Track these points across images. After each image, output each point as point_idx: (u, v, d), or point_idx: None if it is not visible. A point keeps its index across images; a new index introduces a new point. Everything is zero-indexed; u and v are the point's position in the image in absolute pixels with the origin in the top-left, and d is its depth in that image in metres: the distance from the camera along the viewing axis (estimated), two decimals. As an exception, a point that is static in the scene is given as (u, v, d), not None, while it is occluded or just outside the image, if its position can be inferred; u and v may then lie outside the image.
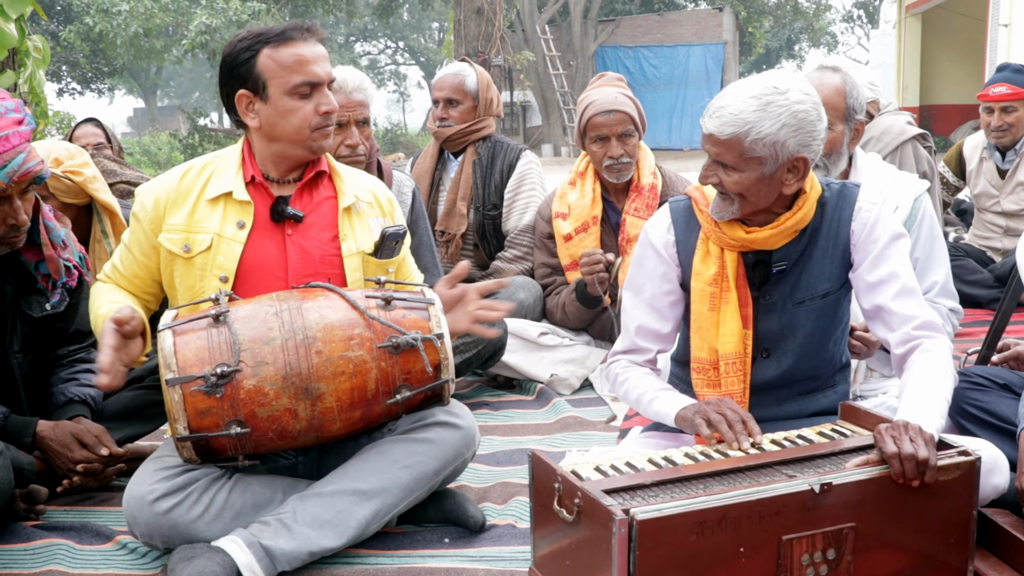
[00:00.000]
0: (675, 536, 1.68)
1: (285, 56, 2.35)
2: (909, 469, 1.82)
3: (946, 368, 2.13)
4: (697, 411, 2.18)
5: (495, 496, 2.69)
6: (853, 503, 1.81)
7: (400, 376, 2.26)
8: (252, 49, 2.35)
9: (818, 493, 1.77)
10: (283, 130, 2.39)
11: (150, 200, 2.44)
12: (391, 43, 41.02)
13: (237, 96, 2.39)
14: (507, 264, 4.11)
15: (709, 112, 2.18)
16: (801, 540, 1.78)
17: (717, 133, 2.15)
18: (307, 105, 2.38)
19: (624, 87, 3.83)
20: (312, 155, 2.46)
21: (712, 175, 2.22)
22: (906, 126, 4.91)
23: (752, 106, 2.12)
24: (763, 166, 2.16)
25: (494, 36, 15.64)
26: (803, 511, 1.77)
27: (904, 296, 2.23)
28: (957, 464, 1.88)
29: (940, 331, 2.22)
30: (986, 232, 5.19)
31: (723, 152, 2.16)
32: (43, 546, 2.41)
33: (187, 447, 2.17)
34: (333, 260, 2.47)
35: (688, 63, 23.64)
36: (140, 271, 2.48)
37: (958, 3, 15.65)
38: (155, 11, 19.02)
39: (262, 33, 2.37)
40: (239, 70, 2.37)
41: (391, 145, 23.97)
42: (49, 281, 2.64)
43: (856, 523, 1.82)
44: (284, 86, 2.35)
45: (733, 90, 2.17)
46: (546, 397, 3.68)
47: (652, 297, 2.44)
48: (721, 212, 2.25)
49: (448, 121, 4.22)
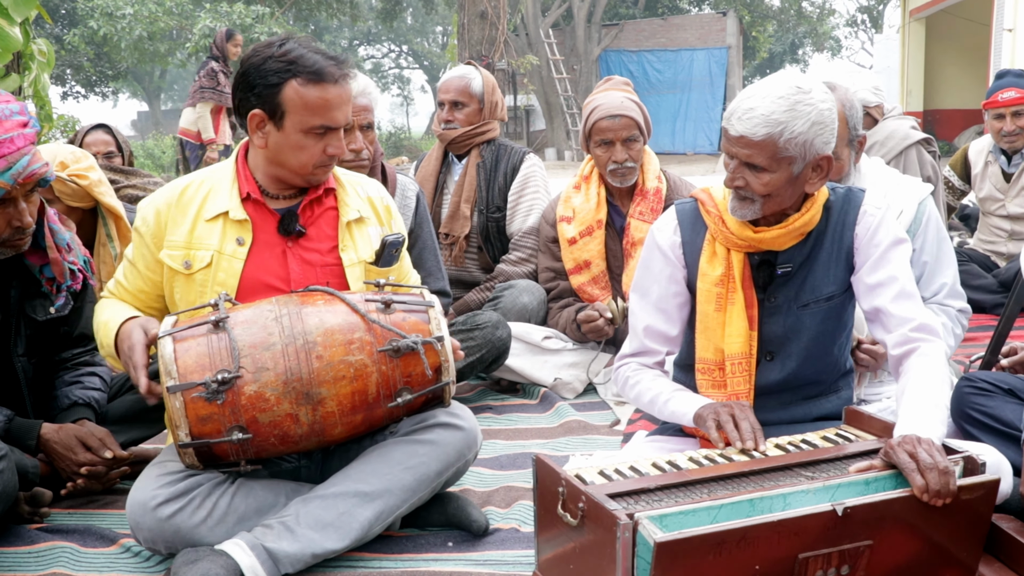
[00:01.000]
0: (693, 556, 1.65)
1: (312, 96, 2.32)
2: (933, 480, 1.79)
3: (943, 374, 2.14)
4: (712, 412, 2.18)
5: (499, 500, 2.68)
6: (872, 522, 1.79)
7: (401, 379, 2.25)
8: (281, 76, 2.31)
9: (840, 516, 1.74)
10: (287, 160, 2.39)
11: (151, 214, 2.44)
12: (395, 47, 41.06)
13: (251, 114, 2.36)
14: (511, 267, 4.11)
15: (736, 115, 2.16)
16: (817, 558, 1.76)
17: (750, 135, 2.13)
18: (317, 145, 2.36)
19: (630, 92, 3.83)
20: (307, 185, 2.46)
21: (739, 177, 2.20)
22: (910, 131, 4.91)
23: (781, 106, 2.11)
24: (792, 166, 2.16)
25: (498, 40, 15.64)
26: (824, 531, 1.74)
27: (902, 299, 2.24)
28: (981, 484, 1.85)
29: (937, 334, 2.23)
30: (991, 236, 5.19)
31: (755, 154, 2.15)
32: (47, 549, 2.41)
33: (189, 453, 2.17)
34: (334, 270, 2.47)
35: (692, 67, 23.63)
36: (145, 285, 2.48)
37: (962, 8, 15.64)
38: (159, 15, 19.04)
39: (295, 62, 2.31)
40: (261, 91, 2.33)
41: (395, 149, 23.99)
42: (53, 284, 2.64)
43: (873, 541, 1.79)
44: (301, 124, 2.33)
45: (757, 92, 2.15)
46: (549, 401, 3.67)
47: (659, 299, 2.44)
48: (743, 212, 2.24)
49: (453, 123, 4.24)
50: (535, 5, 22.37)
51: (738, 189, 2.22)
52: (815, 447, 2.05)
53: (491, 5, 15.45)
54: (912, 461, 1.82)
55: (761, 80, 2.21)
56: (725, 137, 2.21)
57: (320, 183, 2.47)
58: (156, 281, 2.46)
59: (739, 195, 2.23)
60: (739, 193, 2.23)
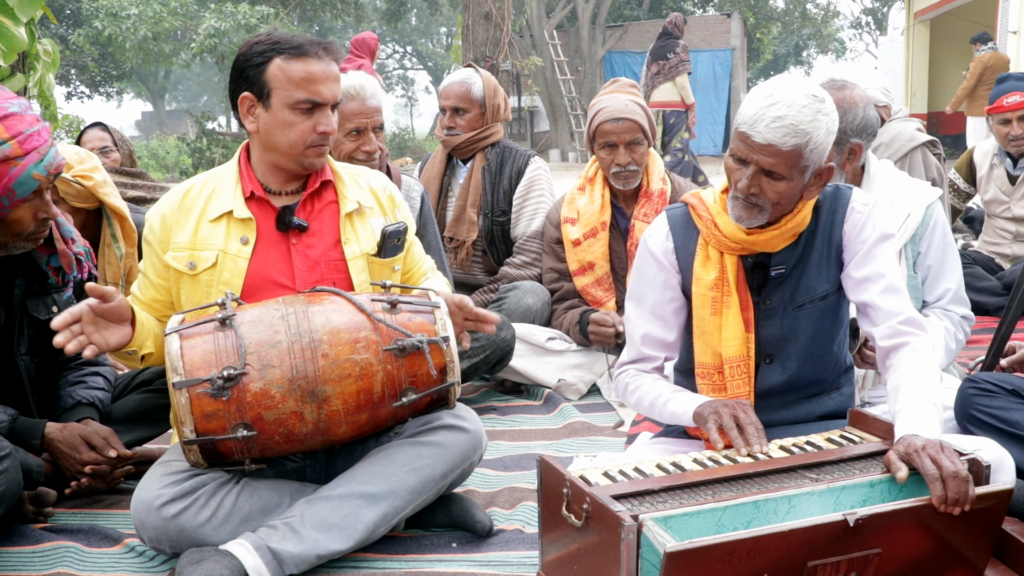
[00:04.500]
0: (703, 565, 1.64)
1: (295, 70, 2.35)
2: (953, 488, 1.78)
3: (934, 370, 2.15)
4: (712, 411, 2.18)
5: (503, 501, 2.68)
6: (882, 530, 1.78)
7: (406, 379, 2.26)
8: (265, 55, 2.35)
9: (851, 526, 1.73)
10: (278, 141, 2.39)
11: (157, 221, 2.46)
12: (399, 48, 41.09)
13: (241, 97, 2.39)
14: (516, 270, 4.11)
15: (764, 122, 2.09)
16: (826, 566, 1.75)
17: (780, 144, 2.09)
18: (306, 122, 2.37)
19: (636, 94, 3.83)
20: (304, 171, 2.47)
21: (755, 184, 2.17)
22: (916, 132, 4.91)
23: (807, 116, 2.09)
24: (805, 174, 2.16)
25: (502, 41, 15.65)
26: (834, 540, 1.73)
27: (889, 293, 2.24)
28: (995, 492, 1.84)
29: (924, 329, 2.23)
30: (996, 238, 5.19)
31: (779, 163, 2.11)
32: (51, 548, 2.41)
33: (194, 450, 2.17)
34: (338, 264, 2.48)
35: (696, 69, 23.54)
36: (158, 294, 2.48)
37: (967, 10, 15.63)
38: (164, 15, 19.07)
39: (279, 42, 2.36)
40: (248, 72, 2.38)
41: (399, 150, 23.98)
42: (60, 275, 2.66)
43: (882, 548, 1.78)
44: (287, 99, 2.35)
45: (780, 98, 2.10)
46: (554, 402, 3.67)
47: (655, 305, 2.44)
48: (751, 220, 2.23)
49: (456, 130, 4.21)
50: (539, 6, 22.36)
51: (750, 196, 2.20)
52: (819, 449, 2.05)
53: (495, 6, 15.47)
54: (935, 468, 1.81)
55: (770, 83, 2.15)
56: (745, 144, 2.14)
57: (315, 168, 2.47)
58: (168, 288, 2.47)
59: (749, 203, 2.20)
60: (750, 200, 2.20)
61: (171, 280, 2.44)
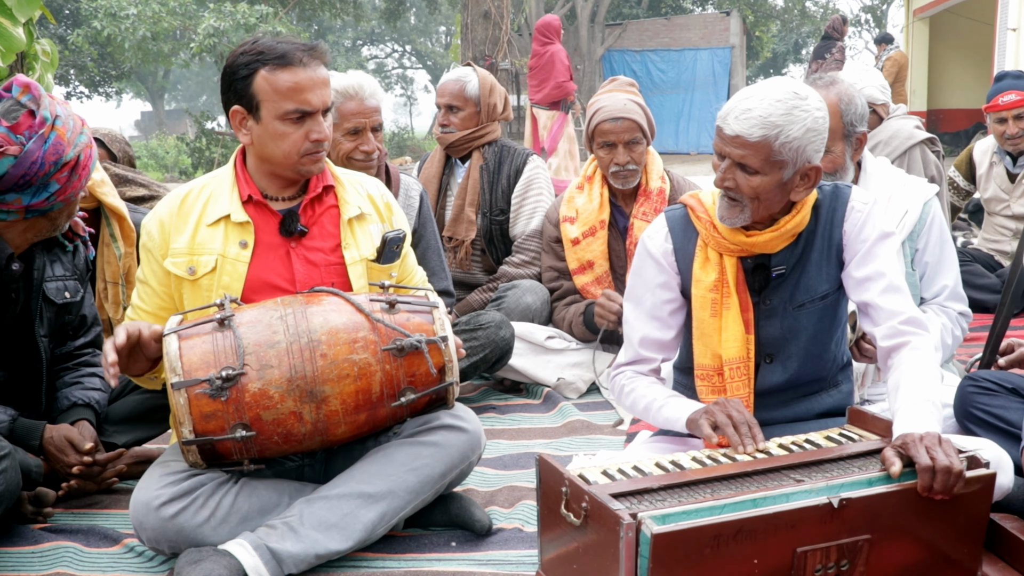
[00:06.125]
0: (690, 548, 1.66)
1: (281, 81, 2.32)
2: (940, 481, 1.80)
3: (935, 369, 2.15)
4: (705, 413, 2.18)
5: (502, 500, 2.68)
6: (870, 515, 1.80)
7: (405, 379, 2.25)
8: (250, 67, 2.33)
9: (836, 508, 1.75)
10: (272, 152, 2.39)
11: (155, 228, 2.45)
12: (398, 47, 41.06)
13: (232, 111, 2.38)
14: (515, 269, 4.11)
15: (733, 114, 2.15)
16: (815, 552, 1.76)
17: (746, 135, 2.13)
18: (297, 131, 2.36)
19: (635, 93, 3.82)
20: (300, 178, 2.46)
21: (730, 178, 2.20)
22: (914, 130, 4.91)
23: (779, 109, 2.11)
24: (783, 171, 2.16)
25: (501, 40, 15.64)
26: (820, 524, 1.75)
27: (890, 293, 2.24)
28: (978, 477, 1.86)
29: (925, 328, 2.24)
30: (996, 236, 5.19)
31: (749, 155, 2.15)
32: (50, 549, 2.41)
33: (192, 451, 2.17)
34: (338, 269, 2.47)
35: (695, 67, 23.58)
36: (162, 301, 2.48)
37: (966, 7, 15.60)
38: (163, 15, 19.05)
39: (263, 52, 2.33)
40: (236, 86, 2.36)
41: (398, 149, 23.96)
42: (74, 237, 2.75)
43: (872, 535, 1.80)
44: (276, 111, 2.34)
45: (755, 94, 2.15)
46: (553, 401, 3.67)
47: (653, 307, 2.44)
48: (732, 219, 2.24)
49: (450, 128, 4.21)
50: (539, 5, 22.35)
51: (727, 190, 2.22)
52: (818, 447, 2.05)
53: (494, 5, 15.46)
54: (929, 459, 1.82)
55: (757, 83, 2.21)
56: (719, 136, 2.20)
57: (312, 174, 2.46)
58: (171, 295, 2.46)
59: (728, 198, 2.23)
60: (728, 195, 2.22)
61: (172, 286, 2.44)
